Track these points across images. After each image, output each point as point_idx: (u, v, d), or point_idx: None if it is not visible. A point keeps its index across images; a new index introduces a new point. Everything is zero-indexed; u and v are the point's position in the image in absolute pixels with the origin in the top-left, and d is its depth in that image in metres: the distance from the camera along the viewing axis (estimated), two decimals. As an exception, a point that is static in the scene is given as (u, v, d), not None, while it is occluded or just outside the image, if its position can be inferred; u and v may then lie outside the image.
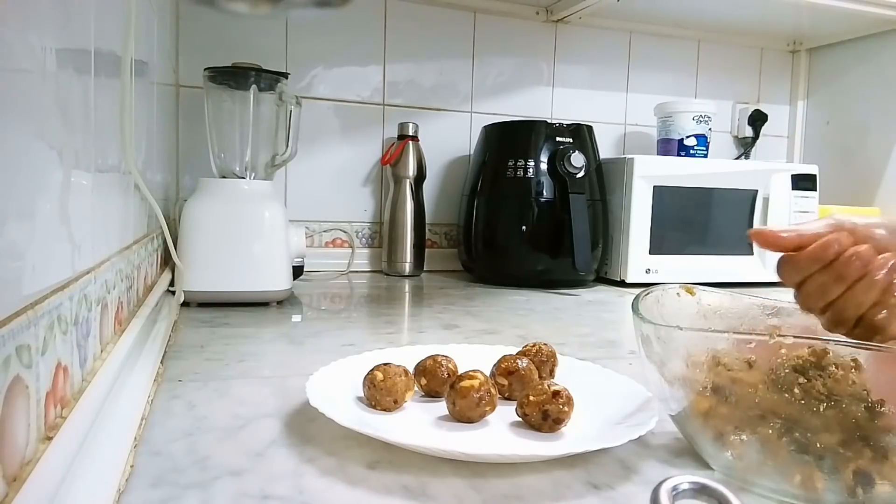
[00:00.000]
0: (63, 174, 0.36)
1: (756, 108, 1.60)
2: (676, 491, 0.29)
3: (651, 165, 1.24)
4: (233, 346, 0.67)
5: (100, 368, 0.43)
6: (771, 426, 0.35)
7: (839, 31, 1.52)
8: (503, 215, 1.21)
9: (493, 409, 0.44)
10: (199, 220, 0.87)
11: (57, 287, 0.34)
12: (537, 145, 1.18)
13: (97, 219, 0.45)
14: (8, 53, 0.27)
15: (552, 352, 0.53)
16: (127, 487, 0.34)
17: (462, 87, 1.40)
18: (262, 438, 0.42)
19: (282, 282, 0.90)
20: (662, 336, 0.39)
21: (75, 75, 0.39)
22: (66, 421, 0.33)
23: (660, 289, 0.47)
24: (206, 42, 1.20)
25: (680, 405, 0.39)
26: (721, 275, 1.26)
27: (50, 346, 0.32)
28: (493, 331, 0.80)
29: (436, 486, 0.35)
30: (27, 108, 0.30)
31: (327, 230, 1.33)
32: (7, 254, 0.27)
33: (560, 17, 1.40)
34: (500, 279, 1.21)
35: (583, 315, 0.94)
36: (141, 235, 0.69)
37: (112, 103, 0.50)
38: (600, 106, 1.50)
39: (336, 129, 1.32)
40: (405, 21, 1.34)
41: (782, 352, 0.36)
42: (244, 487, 0.35)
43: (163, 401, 0.48)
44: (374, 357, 0.53)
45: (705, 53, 1.58)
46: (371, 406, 0.46)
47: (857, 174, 1.51)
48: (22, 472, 0.27)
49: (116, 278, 0.52)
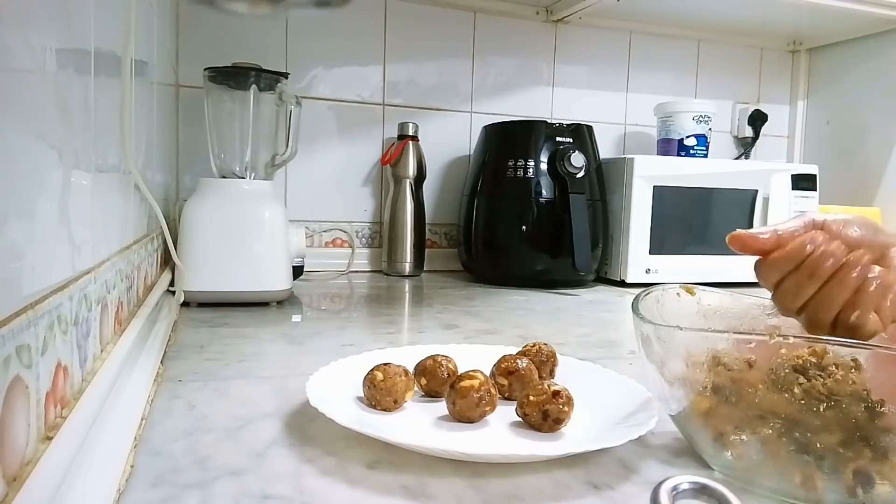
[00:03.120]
0: (63, 174, 0.36)
1: (756, 108, 1.60)
2: (676, 491, 0.29)
3: (651, 165, 1.24)
4: (233, 346, 0.67)
5: (100, 368, 0.43)
6: (771, 426, 0.35)
7: (839, 31, 1.52)
8: (503, 215, 1.21)
9: (493, 409, 0.44)
10: (199, 220, 0.87)
11: (57, 287, 0.34)
12: (537, 145, 1.18)
13: (97, 219, 0.45)
14: (8, 53, 0.27)
15: (552, 352, 0.53)
16: (127, 487, 0.34)
17: (462, 87, 1.40)
18: (262, 438, 0.42)
19: (282, 282, 0.90)
20: (662, 336, 0.39)
21: (75, 75, 0.39)
22: (66, 421, 0.33)
23: (660, 289, 0.47)
24: (206, 42, 1.20)
25: (680, 405, 0.39)
26: (721, 275, 1.26)
27: (50, 346, 0.32)
28: (493, 331, 0.80)
29: (436, 486, 0.35)
30: (27, 108, 0.30)
31: (327, 230, 1.33)
32: (7, 254, 0.27)
33: (560, 17, 1.40)
34: (500, 279, 1.21)
35: (583, 315, 0.94)
36: (141, 235, 0.69)
37: (112, 103, 0.50)
38: (600, 106, 1.50)
39: (336, 129, 1.32)
40: (405, 21, 1.34)
41: (782, 352, 0.36)
42: (244, 487, 0.35)
43: (163, 401, 0.48)
44: (374, 357, 0.52)
45: (705, 53, 1.58)
46: (371, 406, 0.46)
47: (857, 174, 1.51)
48: (22, 472, 0.27)
49: (116, 278, 0.52)
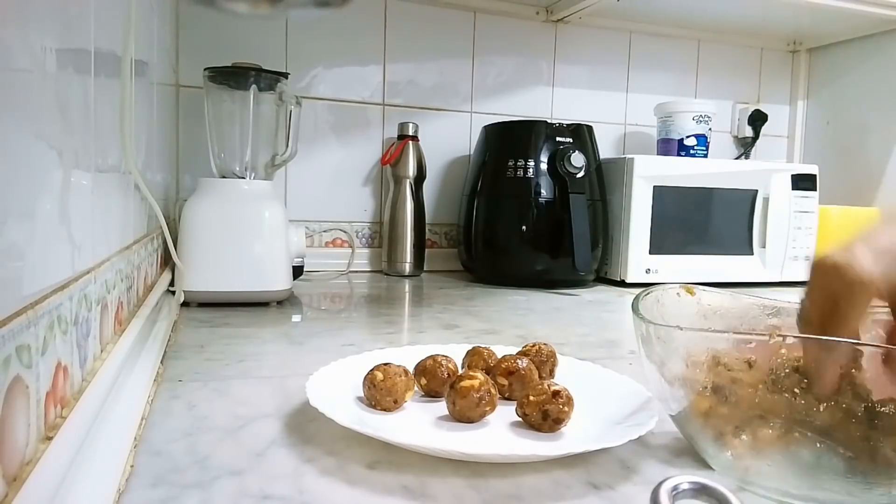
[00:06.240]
0: (63, 174, 0.36)
1: (756, 108, 1.60)
2: (676, 491, 0.29)
3: (651, 165, 1.24)
4: (233, 346, 0.67)
5: (100, 368, 0.43)
6: (771, 426, 0.35)
7: (839, 31, 1.52)
8: (503, 215, 1.21)
9: (493, 409, 0.44)
10: (199, 220, 0.87)
11: (57, 287, 0.34)
12: (537, 145, 1.17)
13: (97, 219, 0.45)
14: (8, 53, 0.27)
15: (552, 352, 0.53)
16: (127, 487, 0.34)
17: (462, 87, 1.40)
18: (262, 438, 0.42)
19: (282, 282, 0.90)
20: (662, 336, 0.39)
21: (75, 75, 0.39)
22: (66, 421, 0.33)
23: (660, 289, 0.47)
24: (206, 42, 1.20)
25: (680, 405, 0.39)
26: (721, 275, 1.26)
27: (50, 346, 0.32)
28: (493, 331, 0.80)
29: (436, 486, 0.35)
30: (27, 108, 0.30)
31: (327, 230, 1.33)
32: (7, 254, 0.27)
33: (560, 16, 1.40)
34: (500, 279, 1.21)
35: (583, 315, 0.94)
36: (141, 235, 0.69)
37: (112, 103, 0.50)
38: (600, 106, 1.50)
39: (336, 129, 1.32)
40: (405, 21, 1.34)
41: (782, 352, 0.36)
42: (244, 487, 0.35)
43: (163, 401, 0.48)
44: (374, 357, 0.52)
45: (705, 53, 1.58)
46: (371, 406, 0.46)
47: (857, 174, 1.51)
48: (22, 472, 0.27)
49: (116, 278, 0.52)
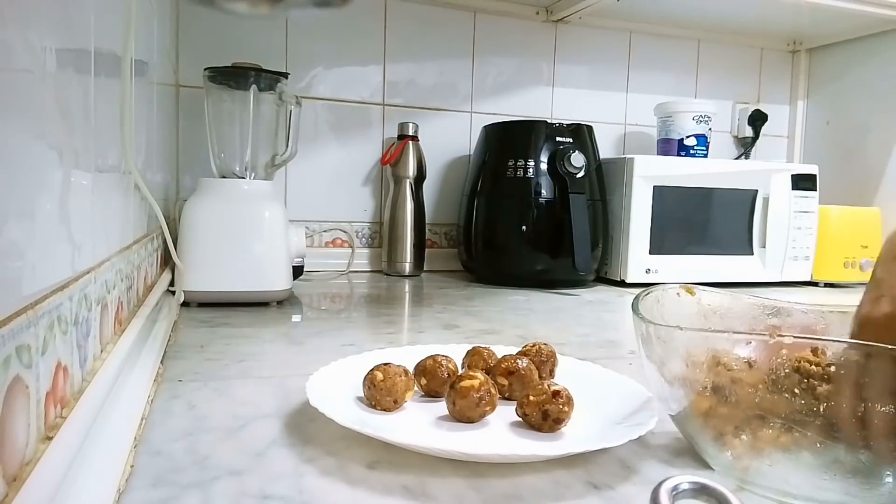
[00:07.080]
0: (63, 174, 0.36)
1: (756, 108, 1.60)
2: (676, 491, 0.29)
3: (651, 165, 1.24)
4: (233, 346, 0.67)
5: (100, 368, 0.43)
6: (771, 426, 0.35)
7: (839, 31, 1.52)
8: (503, 215, 1.21)
9: (493, 409, 0.44)
10: (199, 220, 0.87)
11: (57, 287, 0.34)
12: (537, 145, 1.18)
13: (97, 219, 0.45)
14: (8, 53, 0.27)
15: (552, 352, 0.53)
16: (127, 487, 0.34)
17: (462, 87, 1.40)
18: (262, 438, 0.42)
19: (282, 282, 0.90)
20: (662, 336, 0.39)
21: (75, 75, 0.39)
22: (66, 421, 0.33)
23: (660, 289, 0.47)
24: (206, 42, 1.20)
25: (680, 405, 0.39)
26: (721, 275, 1.26)
27: (50, 346, 0.32)
28: (493, 331, 0.80)
29: (436, 486, 0.35)
30: (27, 108, 0.30)
31: (327, 230, 1.33)
32: (7, 254, 0.27)
33: (560, 16, 1.40)
34: (500, 279, 1.21)
35: (583, 315, 0.94)
36: (141, 235, 0.69)
37: (112, 103, 0.50)
38: (600, 106, 1.50)
39: (336, 129, 1.32)
40: (405, 21, 1.34)
41: (782, 352, 0.36)
42: (244, 487, 0.35)
43: (163, 401, 0.48)
44: (374, 357, 0.52)
45: (705, 53, 1.58)
46: (371, 406, 0.46)
47: (857, 174, 1.51)
48: (22, 472, 0.27)
49: (116, 278, 0.52)
